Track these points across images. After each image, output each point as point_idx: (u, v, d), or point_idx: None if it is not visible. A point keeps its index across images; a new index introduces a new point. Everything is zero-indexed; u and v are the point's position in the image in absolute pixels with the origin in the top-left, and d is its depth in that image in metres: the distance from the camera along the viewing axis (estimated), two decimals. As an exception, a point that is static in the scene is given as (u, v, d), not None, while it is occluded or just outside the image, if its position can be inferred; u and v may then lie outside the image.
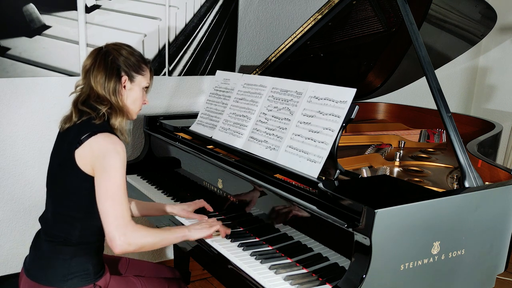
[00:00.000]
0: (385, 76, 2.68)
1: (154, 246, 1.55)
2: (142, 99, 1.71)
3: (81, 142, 1.49)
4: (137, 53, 1.68)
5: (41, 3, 2.25)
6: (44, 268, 1.55)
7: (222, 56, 2.82)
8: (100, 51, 1.63)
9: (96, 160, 1.48)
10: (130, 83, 1.64)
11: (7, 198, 2.37)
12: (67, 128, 1.57)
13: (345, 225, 1.33)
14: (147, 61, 1.71)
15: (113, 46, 1.65)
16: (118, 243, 1.44)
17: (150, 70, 1.72)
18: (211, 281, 2.89)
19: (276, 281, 1.42)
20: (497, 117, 3.88)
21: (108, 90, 1.58)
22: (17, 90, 2.29)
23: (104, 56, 1.61)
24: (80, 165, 1.50)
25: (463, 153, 1.57)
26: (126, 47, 1.67)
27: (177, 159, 2.25)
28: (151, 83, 1.74)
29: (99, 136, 1.50)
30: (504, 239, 1.59)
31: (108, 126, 1.56)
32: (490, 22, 2.55)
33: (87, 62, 1.62)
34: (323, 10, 2.12)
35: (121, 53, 1.63)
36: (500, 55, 4.00)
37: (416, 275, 1.38)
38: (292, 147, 1.71)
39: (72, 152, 1.50)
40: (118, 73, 1.61)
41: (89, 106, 1.56)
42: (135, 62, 1.65)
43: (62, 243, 1.55)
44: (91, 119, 1.54)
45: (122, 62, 1.62)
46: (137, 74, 1.65)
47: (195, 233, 1.65)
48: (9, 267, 2.43)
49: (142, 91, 1.69)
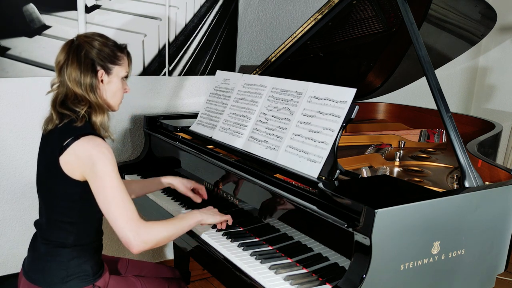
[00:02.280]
0: (385, 76, 2.68)
1: (170, 238, 1.54)
2: (123, 89, 1.64)
3: (64, 148, 1.45)
4: (111, 42, 1.59)
5: (41, 3, 2.25)
6: (42, 271, 1.54)
7: (222, 56, 2.82)
8: (71, 45, 1.54)
9: (84, 167, 1.44)
10: (107, 76, 1.56)
11: (7, 198, 2.37)
12: (50, 131, 1.53)
13: (345, 225, 1.33)
14: (123, 48, 1.63)
15: (85, 38, 1.56)
16: (135, 244, 1.43)
17: (127, 56, 1.64)
18: (211, 281, 2.89)
19: (276, 281, 1.42)
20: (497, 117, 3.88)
21: (85, 87, 1.51)
22: (17, 90, 2.29)
23: (76, 51, 1.52)
24: (67, 172, 1.46)
25: (463, 153, 1.57)
26: (98, 37, 1.57)
27: (177, 159, 2.25)
28: (130, 69, 1.66)
29: (82, 140, 1.45)
30: (504, 239, 1.59)
31: (90, 127, 1.51)
32: (490, 22, 2.55)
33: (60, 57, 1.54)
34: (323, 10, 2.12)
35: (93, 45, 1.54)
36: (500, 55, 4.00)
37: (416, 275, 1.38)
38: (292, 147, 1.71)
39: (56, 158, 1.46)
40: (94, 68, 1.53)
41: (68, 108, 1.51)
42: (109, 52, 1.56)
43: (59, 246, 1.52)
44: (72, 122, 1.48)
45: (95, 55, 1.53)
46: (114, 65, 1.57)
47: (208, 218, 1.66)
48: (9, 267, 2.43)
49: (121, 81, 1.61)
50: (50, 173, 1.50)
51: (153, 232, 1.47)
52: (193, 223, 1.62)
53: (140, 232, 1.44)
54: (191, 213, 1.67)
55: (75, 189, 1.48)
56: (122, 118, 2.59)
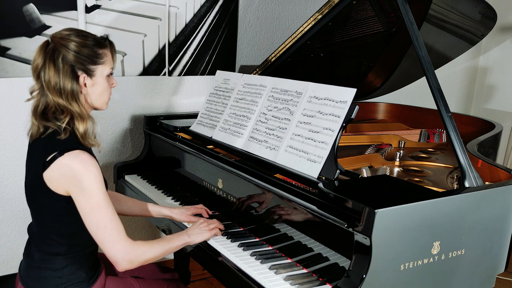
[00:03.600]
0: (385, 76, 2.68)
1: (156, 258, 1.53)
2: (110, 86, 1.52)
3: (47, 164, 1.38)
4: (89, 40, 1.45)
5: (41, 3, 2.25)
6: (37, 278, 1.51)
7: (222, 56, 2.82)
8: (47, 49, 1.41)
9: (69, 184, 1.38)
10: (90, 79, 1.45)
11: (7, 198, 2.37)
12: (35, 140, 1.46)
13: (345, 225, 1.33)
14: (103, 43, 1.48)
15: (60, 40, 1.41)
16: (122, 265, 1.44)
17: (110, 48, 1.50)
18: (211, 281, 2.89)
19: (276, 281, 1.42)
20: (497, 117, 3.88)
21: (66, 96, 1.40)
22: (17, 90, 2.28)
23: (52, 56, 1.40)
24: (52, 188, 1.40)
25: (463, 153, 1.57)
26: (74, 37, 1.43)
27: (177, 159, 2.25)
28: (115, 61, 1.53)
29: (67, 157, 1.37)
30: (504, 239, 1.59)
31: (74, 140, 1.42)
32: (490, 22, 2.55)
33: (37, 61, 1.42)
34: (323, 10, 2.12)
35: (69, 48, 1.40)
36: (500, 55, 4.00)
37: (416, 275, 1.38)
38: (292, 147, 1.71)
39: (40, 174, 1.39)
40: (74, 73, 1.41)
41: (49, 120, 1.42)
42: (89, 53, 1.43)
43: (52, 254, 1.50)
44: (56, 134, 1.40)
45: (74, 59, 1.40)
46: (96, 65, 1.45)
47: (196, 238, 1.64)
48: (9, 267, 2.43)
49: (107, 79, 1.50)
50: (35, 187, 1.45)
51: (140, 253, 1.47)
52: (181, 245, 1.62)
53: (129, 252, 1.44)
54: (179, 234, 1.65)
55: (61, 204, 1.43)
56: (122, 118, 2.59)
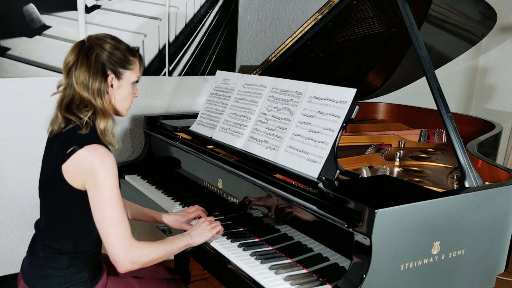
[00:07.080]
0: (385, 76, 2.68)
1: (158, 260, 1.52)
2: (132, 94, 1.60)
3: (67, 156, 1.41)
4: (123, 45, 1.55)
5: (41, 3, 2.25)
6: (40, 277, 1.52)
7: (222, 56, 2.82)
8: (82, 47, 1.49)
9: (85, 177, 1.41)
10: (117, 81, 1.52)
11: (7, 198, 2.37)
12: (55, 135, 1.50)
13: (345, 225, 1.33)
14: (135, 51, 1.58)
15: (96, 40, 1.51)
16: (123, 264, 1.43)
17: (139, 60, 1.59)
18: (211, 281, 2.89)
19: (276, 281, 1.42)
20: (497, 117, 3.88)
21: (92, 92, 1.47)
22: (17, 90, 2.28)
23: (86, 53, 1.47)
24: (69, 181, 1.43)
25: (463, 153, 1.57)
26: (110, 40, 1.53)
27: (177, 159, 2.25)
28: (141, 73, 1.61)
29: (86, 149, 1.41)
30: (504, 239, 1.59)
31: (95, 134, 1.47)
32: (490, 22, 2.55)
33: (69, 59, 1.49)
34: (323, 10, 2.12)
35: (104, 48, 1.49)
36: (500, 55, 4.00)
37: (416, 275, 1.38)
38: (292, 147, 1.71)
39: (59, 166, 1.43)
40: (104, 72, 1.49)
41: (72, 113, 1.46)
42: (121, 56, 1.52)
43: (57, 252, 1.50)
44: (77, 128, 1.45)
45: (106, 58, 1.49)
46: (125, 69, 1.53)
47: (198, 239, 1.63)
48: (9, 267, 2.43)
49: (131, 86, 1.57)
50: (52, 180, 1.48)
51: (142, 254, 1.46)
52: (183, 246, 1.61)
53: (131, 252, 1.43)
54: (182, 236, 1.64)
55: (76, 198, 1.45)
56: (122, 118, 2.59)
